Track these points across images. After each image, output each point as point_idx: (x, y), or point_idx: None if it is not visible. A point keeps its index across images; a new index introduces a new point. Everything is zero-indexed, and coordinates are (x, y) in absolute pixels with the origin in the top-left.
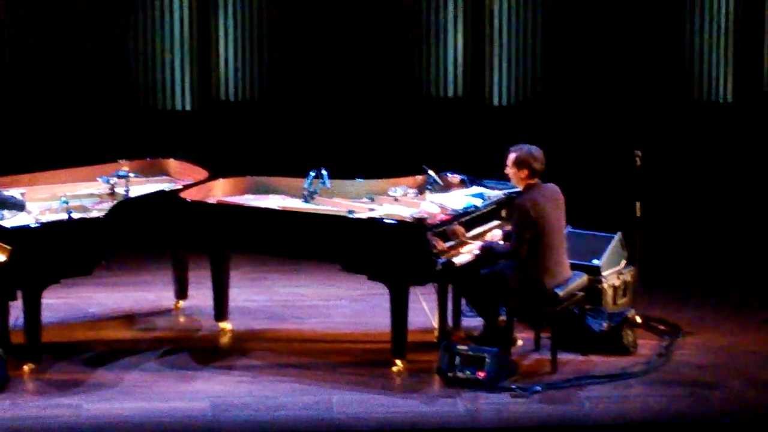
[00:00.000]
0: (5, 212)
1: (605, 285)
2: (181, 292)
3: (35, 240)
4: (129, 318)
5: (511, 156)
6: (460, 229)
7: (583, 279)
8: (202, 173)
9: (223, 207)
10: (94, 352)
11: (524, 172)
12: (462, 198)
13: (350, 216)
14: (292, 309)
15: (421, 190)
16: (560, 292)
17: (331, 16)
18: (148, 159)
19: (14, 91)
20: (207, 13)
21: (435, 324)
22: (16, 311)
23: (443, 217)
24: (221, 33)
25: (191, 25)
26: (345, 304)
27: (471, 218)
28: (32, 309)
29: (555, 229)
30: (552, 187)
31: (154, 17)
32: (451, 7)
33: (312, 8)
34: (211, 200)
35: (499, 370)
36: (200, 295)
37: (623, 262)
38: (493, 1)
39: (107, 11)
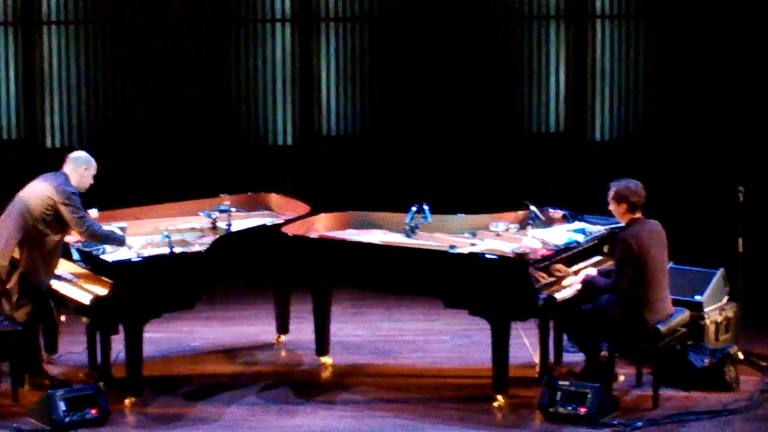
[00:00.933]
0: (107, 247)
1: (707, 321)
2: (283, 327)
3: (137, 274)
4: (230, 352)
5: (611, 191)
6: (561, 265)
7: (685, 315)
8: (304, 208)
9: (324, 242)
10: (195, 386)
11: (623, 207)
12: (563, 233)
13: (451, 251)
14: (394, 344)
15: (522, 225)
16: (662, 328)
17: (432, 51)
18: (249, 193)
19: (120, 127)
20: (309, 50)
21: (536, 359)
22: (118, 345)
23: (545, 252)
24: (323, 69)
25: (293, 61)
26: (446, 339)
27: (572, 254)
28: (134, 343)
29: (657, 265)
30: (654, 223)
31: (256, 53)
32: (553, 43)
33: (413, 44)
34: (313, 235)
35: (601, 406)
36: (302, 330)
37: (725, 298)
38: (595, 38)
39: (210, 48)
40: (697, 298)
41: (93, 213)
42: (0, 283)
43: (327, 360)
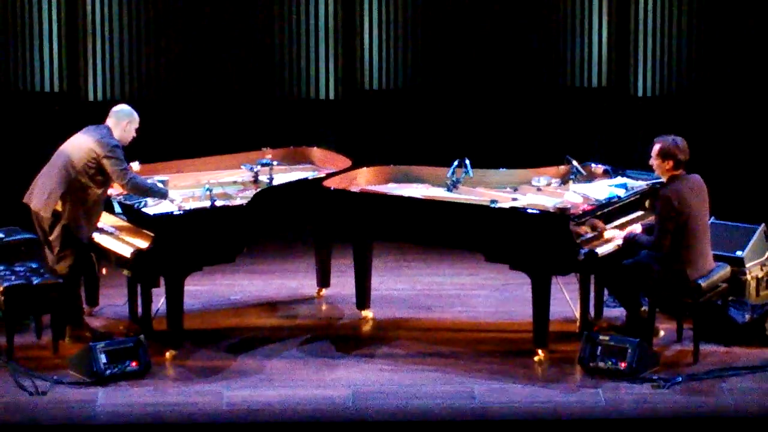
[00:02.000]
0: (148, 200)
1: (748, 276)
2: (324, 280)
3: (178, 227)
4: (271, 305)
5: (656, 147)
6: (599, 222)
7: (726, 270)
8: (346, 162)
9: (366, 196)
10: (236, 339)
11: (669, 163)
12: (605, 188)
13: (493, 206)
14: (434, 298)
15: (564, 180)
16: (703, 283)
17: (475, 5)
18: (291, 147)
19: (162, 80)
20: (352, 2)
21: (577, 314)
22: (159, 298)
23: (586, 207)
24: (366, 22)
25: (336, 15)
26: (487, 294)
27: (614, 209)
28: (175, 296)
29: (698, 221)
30: (696, 179)
31: (299, 6)
32: None
33: None
34: (355, 189)
35: (641, 361)
36: (342, 283)
37: (767, 254)
38: None
39: (253, 1)
40: (739, 253)
41: (135, 166)
42: (43, 235)
43: (367, 314)
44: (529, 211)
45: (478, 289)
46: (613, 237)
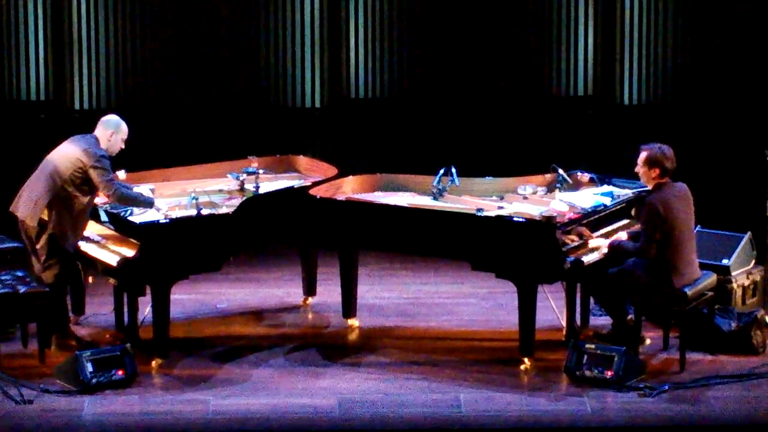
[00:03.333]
0: (135, 208)
1: (734, 285)
2: (310, 289)
3: (164, 236)
4: (257, 314)
5: (643, 155)
6: (585, 230)
7: (712, 278)
8: (332, 170)
9: (352, 204)
10: (222, 348)
11: (655, 171)
12: (591, 197)
13: (479, 214)
14: (421, 306)
15: (550, 188)
16: (689, 292)
17: (461, 14)
18: (277, 155)
19: (148, 89)
20: (337, 11)
21: (563, 322)
22: (145, 306)
23: (572, 215)
24: (351, 31)
25: (322, 23)
26: (473, 302)
27: (600, 217)
28: (161, 304)
29: (684, 229)
30: (681, 187)
31: (285, 14)
32: (582, 6)
33: (442, 6)
34: (341, 197)
35: (627, 369)
36: (329, 292)
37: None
38: (624, 0)
39: (239, 9)
40: (725, 261)
41: (121, 174)
42: (29, 243)
43: (354, 322)
44: (515, 219)
45: (465, 297)
46: (599, 246)
